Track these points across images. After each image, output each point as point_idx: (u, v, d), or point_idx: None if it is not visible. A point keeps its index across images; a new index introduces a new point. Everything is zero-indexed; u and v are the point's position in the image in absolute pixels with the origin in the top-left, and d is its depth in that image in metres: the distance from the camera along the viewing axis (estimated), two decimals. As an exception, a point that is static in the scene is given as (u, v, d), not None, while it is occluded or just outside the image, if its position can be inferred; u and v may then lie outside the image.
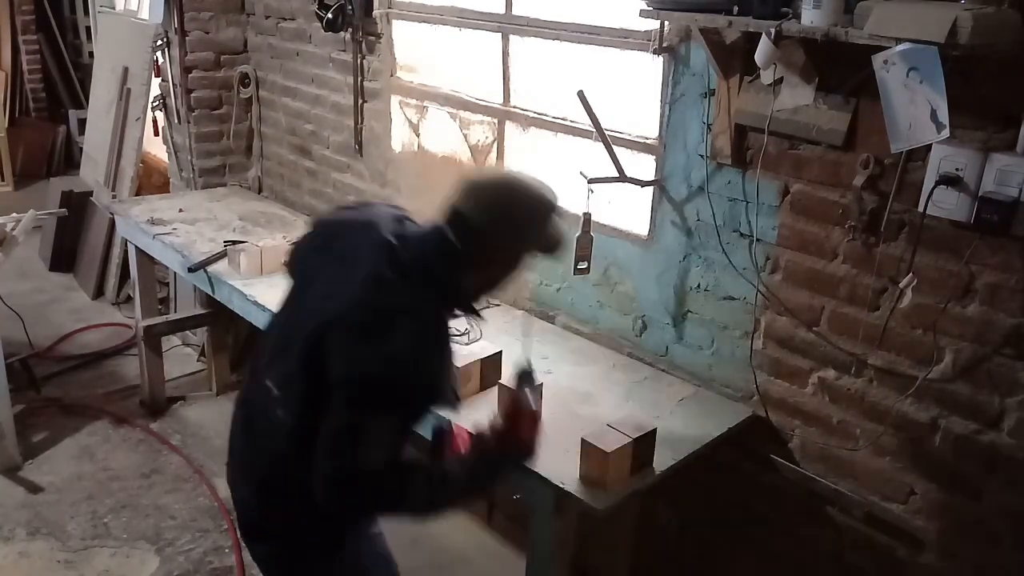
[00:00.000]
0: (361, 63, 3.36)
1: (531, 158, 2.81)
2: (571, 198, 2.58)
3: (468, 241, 1.60)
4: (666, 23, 2.19)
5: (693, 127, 2.26)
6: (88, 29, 6.84)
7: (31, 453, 3.38)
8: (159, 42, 4.25)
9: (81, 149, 5.88)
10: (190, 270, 3.06)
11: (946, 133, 1.64)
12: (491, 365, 2.28)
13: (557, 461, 1.99)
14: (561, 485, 1.91)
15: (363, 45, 3.33)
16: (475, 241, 1.61)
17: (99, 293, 4.92)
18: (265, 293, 2.79)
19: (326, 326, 1.57)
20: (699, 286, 2.36)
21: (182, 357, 4.23)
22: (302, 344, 1.60)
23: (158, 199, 3.93)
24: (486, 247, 1.63)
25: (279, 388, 1.67)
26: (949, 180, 1.74)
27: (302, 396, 1.62)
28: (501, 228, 1.61)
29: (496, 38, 2.80)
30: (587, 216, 2.35)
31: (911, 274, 1.86)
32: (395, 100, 3.28)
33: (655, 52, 2.26)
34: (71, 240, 5.23)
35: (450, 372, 1.72)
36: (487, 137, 2.91)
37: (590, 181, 2.29)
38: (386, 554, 1.96)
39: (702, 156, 2.25)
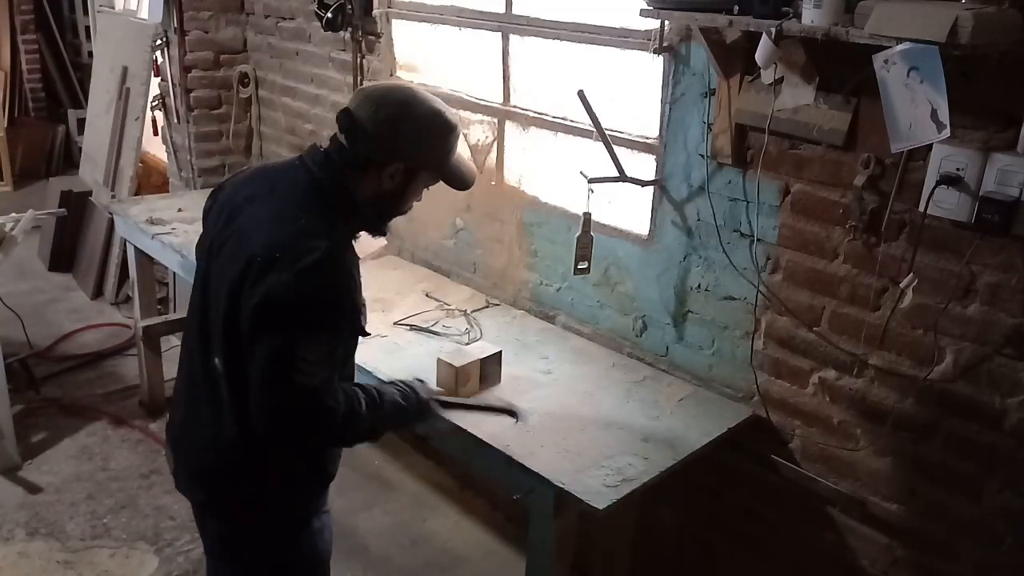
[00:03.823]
0: (361, 63, 3.36)
1: (531, 157, 2.81)
2: (571, 198, 2.59)
3: (356, 141, 1.61)
4: (666, 23, 2.18)
5: (693, 127, 2.26)
6: (87, 29, 6.84)
7: (30, 453, 3.37)
8: (158, 41, 4.25)
9: (80, 149, 5.87)
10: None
11: (947, 133, 1.64)
12: (491, 365, 2.28)
13: (556, 461, 1.99)
14: (561, 485, 1.90)
15: (363, 45, 3.33)
16: (363, 141, 1.61)
17: (98, 293, 4.91)
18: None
19: (245, 270, 1.55)
20: (699, 286, 2.35)
21: (181, 357, 4.23)
22: (225, 298, 1.58)
23: (157, 199, 3.93)
24: (375, 150, 1.62)
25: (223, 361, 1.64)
26: (950, 180, 1.74)
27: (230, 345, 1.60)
28: (389, 129, 1.60)
29: (496, 38, 2.80)
30: (587, 216, 2.35)
31: (912, 274, 1.86)
32: (395, 100, 3.27)
33: (655, 52, 2.26)
34: (70, 240, 5.22)
35: (360, 297, 1.69)
36: (487, 137, 2.91)
37: (590, 181, 2.29)
38: (331, 529, 1.90)
39: (702, 156, 2.25)
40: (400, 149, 1.63)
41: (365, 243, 2.00)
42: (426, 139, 1.65)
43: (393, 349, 2.52)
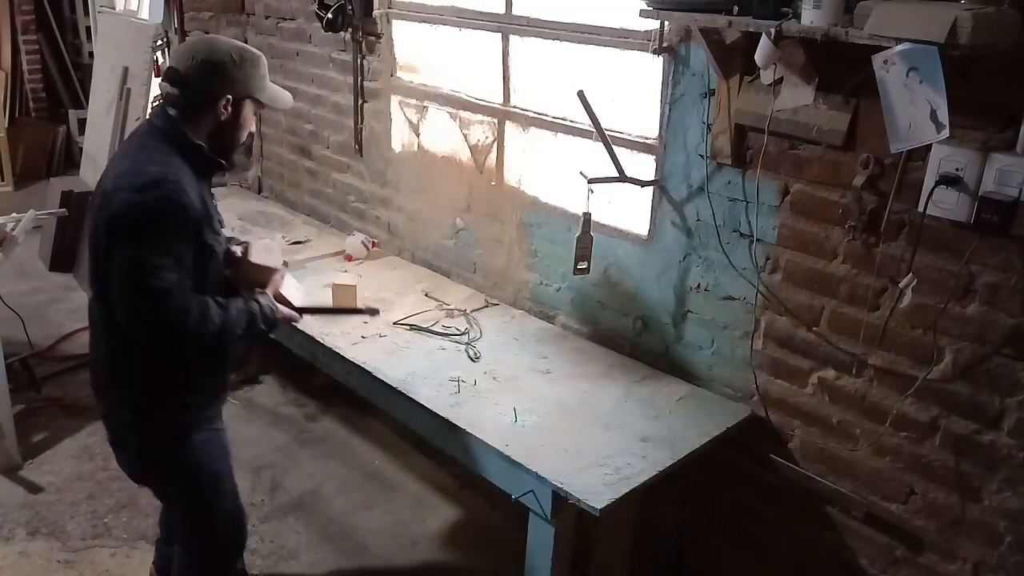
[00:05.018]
0: (361, 63, 3.36)
1: (531, 158, 2.81)
2: (571, 198, 2.60)
3: (186, 87, 1.89)
4: (666, 23, 2.19)
5: (693, 127, 2.26)
6: (88, 29, 6.84)
7: (31, 453, 3.37)
8: (159, 42, 4.25)
9: (81, 149, 5.88)
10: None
11: (946, 133, 1.64)
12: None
13: (555, 460, 1.99)
14: (559, 485, 1.91)
15: (363, 45, 3.33)
16: (190, 85, 1.89)
17: (99, 293, 4.91)
18: (265, 293, 2.78)
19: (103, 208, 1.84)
20: (699, 286, 2.36)
21: (182, 357, 4.23)
22: (91, 237, 1.89)
23: (158, 199, 3.92)
24: (201, 89, 1.90)
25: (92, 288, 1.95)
26: (949, 180, 1.74)
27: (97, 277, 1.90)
28: (206, 68, 1.89)
29: (496, 38, 2.80)
30: (587, 216, 2.35)
31: (911, 274, 1.86)
32: (395, 100, 3.28)
33: (655, 52, 2.26)
34: (71, 240, 5.22)
35: (210, 219, 1.97)
36: (487, 137, 2.91)
37: (590, 181, 2.29)
38: (224, 446, 2.17)
39: (702, 156, 2.25)
40: (222, 83, 1.91)
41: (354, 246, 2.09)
42: (239, 69, 1.93)
43: (393, 349, 2.53)
